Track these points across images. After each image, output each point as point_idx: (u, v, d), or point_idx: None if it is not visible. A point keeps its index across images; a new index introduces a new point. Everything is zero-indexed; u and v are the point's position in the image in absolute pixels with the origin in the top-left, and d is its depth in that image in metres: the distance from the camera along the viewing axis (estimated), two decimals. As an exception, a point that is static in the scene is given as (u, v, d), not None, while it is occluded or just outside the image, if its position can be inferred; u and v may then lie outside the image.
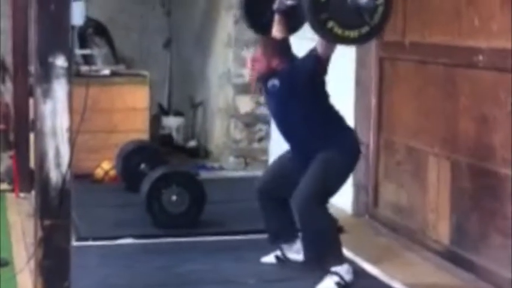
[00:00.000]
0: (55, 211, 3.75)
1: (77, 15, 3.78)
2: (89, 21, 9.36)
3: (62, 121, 3.72)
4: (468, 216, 5.42)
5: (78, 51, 9.01)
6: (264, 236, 5.56)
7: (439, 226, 5.75)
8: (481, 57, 5.22)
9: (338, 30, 4.47)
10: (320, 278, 5.05)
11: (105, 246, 5.94)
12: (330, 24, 4.44)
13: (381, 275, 5.35)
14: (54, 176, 3.73)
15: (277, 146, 8.61)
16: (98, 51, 9.27)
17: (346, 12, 4.44)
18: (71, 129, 3.73)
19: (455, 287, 5.21)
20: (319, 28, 4.47)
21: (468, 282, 5.24)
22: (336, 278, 5.05)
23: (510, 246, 4.85)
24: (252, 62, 5.38)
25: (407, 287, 5.14)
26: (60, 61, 3.68)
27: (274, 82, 5.19)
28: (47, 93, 3.69)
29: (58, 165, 3.73)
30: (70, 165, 3.74)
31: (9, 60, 8.46)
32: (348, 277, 5.07)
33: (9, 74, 8.85)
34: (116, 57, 9.77)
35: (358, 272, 5.39)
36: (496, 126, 5.11)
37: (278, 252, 5.50)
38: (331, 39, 4.60)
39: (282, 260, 5.49)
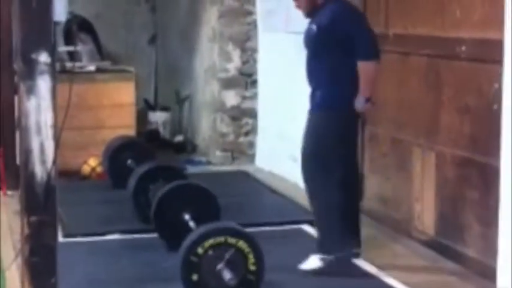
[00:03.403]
0: (41, 207, 3.76)
1: (60, 11, 3.75)
2: (74, 17, 9.36)
3: (46, 117, 3.72)
4: (453, 206, 5.46)
5: (64, 48, 9.00)
6: (251, 230, 5.57)
7: (424, 216, 5.79)
8: (463, 48, 5.26)
9: None
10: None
11: (92, 242, 5.95)
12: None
13: (366, 266, 5.37)
14: (39, 172, 3.73)
15: (264, 139, 8.67)
16: (83, 47, 9.25)
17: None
18: (55, 126, 3.74)
19: (441, 277, 5.24)
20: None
21: (453, 272, 5.28)
22: (319, 262, 5.22)
23: (494, 236, 4.89)
24: None
25: (393, 278, 5.17)
26: (43, 57, 3.68)
27: (313, 26, 5.24)
28: (30, 90, 3.70)
29: (43, 161, 3.73)
30: (55, 161, 3.74)
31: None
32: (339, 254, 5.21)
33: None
34: (101, 53, 9.77)
35: (344, 263, 5.43)
36: (479, 117, 5.15)
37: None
38: None
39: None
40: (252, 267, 4.58)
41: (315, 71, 5.27)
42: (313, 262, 5.25)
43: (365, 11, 6.48)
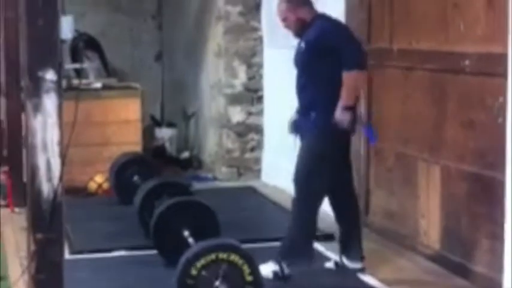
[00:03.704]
0: (47, 225, 3.77)
1: (66, 30, 3.81)
2: (80, 35, 9.43)
3: (53, 135, 3.74)
4: (458, 220, 5.46)
5: (70, 65, 9.05)
6: (257, 245, 5.59)
7: (429, 231, 5.79)
8: (467, 62, 5.28)
9: None
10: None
11: (98, 258, 5.97)
12: None
13: (371, 280, 5.38)
14: (46, 189, 3.75)
15: (270, 155, 8.68)
16: (90, 64, 9.30)
17: None
18: (61, 143, 3.76)
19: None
20: None
21: (459, 287, 5.28)
22: (276, 267, 5.26)
23: (500, 250, 4.89)
24: (281, 17, 5.43)
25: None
26: (50, 75, 3.71)
27: (302, 44, 5.33)
28: (37, 108, 3.72)
29: (49, 178, 3.75)
30: (61, 178, 3.76)
31: (1, 75, 8.48)
32: (287, 271, 5.29)
33: (2, 89, 8.88)
34: (107, 70, 9.82)
35: (350, 278, 5.45)
36: (484, 131, 5.16)
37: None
38: None
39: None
40: (249, 278, 4.58)
41: (306, 89, 5.32)
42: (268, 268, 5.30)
43: (369, 27, 6.54)
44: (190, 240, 5.38)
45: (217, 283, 4.52)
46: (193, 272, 4.53)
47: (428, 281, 5.45)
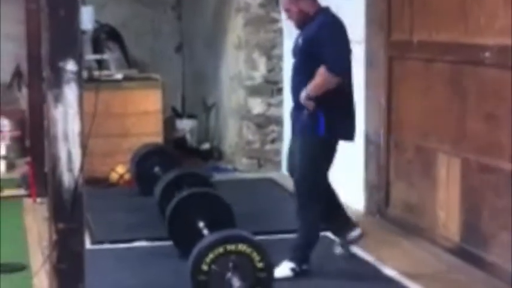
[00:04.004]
0: (68, 215, 3.80)
1: (87, 20, 3.83)
2: (102, 26, 9.47)
3: (74, 125, 3.77)
4: (478, 213, 5.46)
5: (92, 56, 9.10)
6: (276, 237, 5.61)
7: (449, 224, 5.78)
8: (487, 54, 5.26)
9: None
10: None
11: (120, 249, 6.01)
12: None
13: (390, 272, 5.39)
14: (67, 179, 3.78)
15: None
16: (111, 55, 9.34)
17: None
18: (82, 133, 3.79)
19: (466, 284, 5.24)
20: None
21: (478, 279, 5.27)
22: (292, 264, 5.26)
23: (519, 242, 4.89)
24: (284, 7, 5.45)
25: (417, 285, 5.18)
26: (70, 66, 3.73)
27: (299, 40, 5.32)
28: (58, 98, 3.75)
29: (70, 169, 3.78)
30: (82, 168, 3.79)
31: (24, 66, 8.55)
32: (304, 266, 5.30)
33: (25, 80, 8.94)
34: (128, 61, 9.86)
35: (369, 270, 5.46)
36: (503, 123, 5.14)
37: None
38: None
39: None
40: (260, 265, 4.60)
41: (300, 87, 5.29)
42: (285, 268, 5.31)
43: (389, 18, 6.52)
44: (205, 231, 5.42)
45: (229, 275, 4.55)
46: (204, 267, 4.57)
47: (448, 273, 5.45)
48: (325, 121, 5.22)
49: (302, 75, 5.30)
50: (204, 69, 10.30)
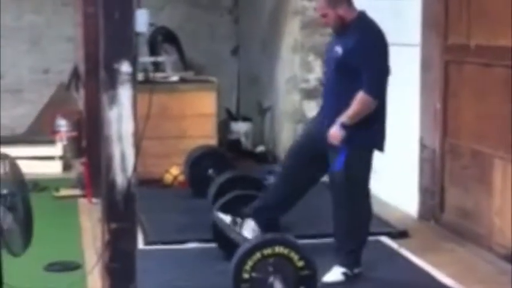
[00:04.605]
0: (121, 215, 3.84)
1: (141, 23, 3.85)
2: (159, 28, 9.54)
3: (127, 126, 3.81)
4: (534, 220, 5.38)
5: (148, 59, 9.17)
6: (324, 241, 5.61)
7: (504, 230, 5.70)
8: (545, 60, 5.19)
9: None
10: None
11: (172, 250, 6.03)
12: None
13: (446, 279, 5.33)
14: (120, 180, 3.82)
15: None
16: (167, 58, 9.40)
17: None
18: (136, 134, 3.83)
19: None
20: None
21: (534, 287, 5.20)
22: (343, 269, 5.22)
23: None
24: (321, 12, 5.30)
25: (472, 291, 5.13)
26: (125, 67, 3.78)
27: (338, 49, 5.18)
28: (112, 99, 3.80)
29: (124, 169, 3.82)
30: (135, 169, 3.83)
31: (81, 67, 8.65)
32: (356, 270, 5.25)
33: (82, 81, 9.04)
34: (184, 64, 9.90)
35: (422, 276, 5.41)
36: (561, 129, 5.07)
37: None
38: None
39: None
40: (300, 264, 4.58)
41: (339, 97, 5.17)
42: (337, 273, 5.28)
43: (446, 22, 6.45)
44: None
45: (271, 279, 4.54)
46: (245, 276, 4.56)
47: (503, 280, 5.37)
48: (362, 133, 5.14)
49: (341, 85, 5.18)
50: (260, 72, 10.30)
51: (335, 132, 5.11)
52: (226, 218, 5.56)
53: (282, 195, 5.54)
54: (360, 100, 5.07)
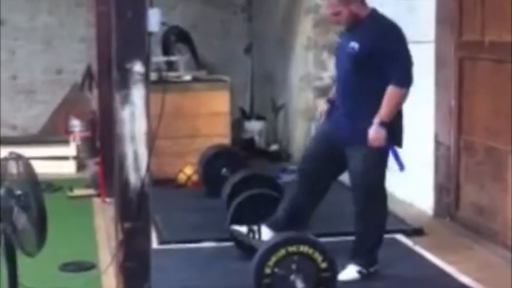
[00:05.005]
0: (134, 214, 3.84)
1: (154, 22, 3.84)
2: (171, 28, 9.53)
3: (140, 125, 3.81)
4: (550, 216, 5.34)
5: (161, 58, 9.17)
6: (342, 238, 5.58)
7: (520, 227, 5.68)
8: (560, 55, 5.15)
9: None
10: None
11: (187, 249, 6.03)
12: None
13: (463, 278, 5.30)
14: (133, 179, 3.82)
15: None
16: (181, 57, 9.39)
17: None
18: (149, 134, 3.82)
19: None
20: None
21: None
22: (358, 267, 5.21)
23: None
24: (333, 11, 5.20)
25: (488, 289, 5.10)
26: (138, 67, 3.78)
27: (353, 44, 5.11)
28: (125, 99, 3.80)
29: (137, 169, 3.82)
30: (148, 168, 3.82)
31: (95, 67, 8.65)
32: (372, 269, 5.25)
33: (95, 81, 9.05)
34: (198, 63, 9.90)
35: (438, 273, 5.38)
36: None
37: None
38: None
39: None
40: (323, 265, 4.57)
41: (356, 94, 5.15)
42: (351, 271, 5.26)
43: (460, 18, 6.42)
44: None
45: (292, 276, 4.54)
46: (267, 271, 4.56)
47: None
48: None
49: (357, 82, 5.13)
50: (273, 71, 10.29)
51: (376, 134, 5.04)
52: (242, 229, 5.54)
53: (302, 203, 5.51)
54: (391, 94, 5.02)
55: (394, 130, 5.15)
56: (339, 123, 5.27)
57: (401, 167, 5.17)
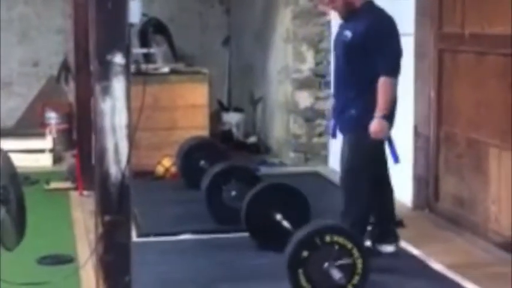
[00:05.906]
0: (115, 207, 3.79)
1: (134, 13, 3.81)
2: (149, 20, 9.48)
3: (121, 118, 3.76)
4: (530, 208, 5.36)
5: (139, 50, 9.11)
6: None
7: (500, 218, 5.68)
8: (541, 47, 5.15)
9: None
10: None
11: (166, 242, 6.00)
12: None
13: (440, 268, 5.31)
14: (114, 172, 3.77)
15: (337, 141, 8.61)
16: (158, 49, 9.34)
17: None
18: (129, 126, 3.78)
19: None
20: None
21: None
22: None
23: None
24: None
25: (466, 280, 5.10)
26: (118, 58, 3.72)
27: (347, 33, 5.21)
28: (106, 91, 3.74)
29: (117, 161, 3.77)
30: (129, 161, 3.78)
31: (71, 59, 8.58)
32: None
33: (72, 73, 8.98)
34: (175, 55, 9.86)
35: (417, 264, 5.38)
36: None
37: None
38: None
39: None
40: (356, 254, 4.60)
41: (348, 83, 5.24)
42: None
43: (440, 11, 6.42)
44: (285, 223, 5.46)
45: (326, 265, 4.55)
46: (302, 258, 4.57)
47: (498, 268, 5.35)
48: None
49: (349, 70, 5.24)
50: (252, 63, 10.26)
51: (378, 126, 5.12)
52: None
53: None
54: (383, 85, 5.11)
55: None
56: (335, 112, 5.41)
57: (396, 159, 5.24)
